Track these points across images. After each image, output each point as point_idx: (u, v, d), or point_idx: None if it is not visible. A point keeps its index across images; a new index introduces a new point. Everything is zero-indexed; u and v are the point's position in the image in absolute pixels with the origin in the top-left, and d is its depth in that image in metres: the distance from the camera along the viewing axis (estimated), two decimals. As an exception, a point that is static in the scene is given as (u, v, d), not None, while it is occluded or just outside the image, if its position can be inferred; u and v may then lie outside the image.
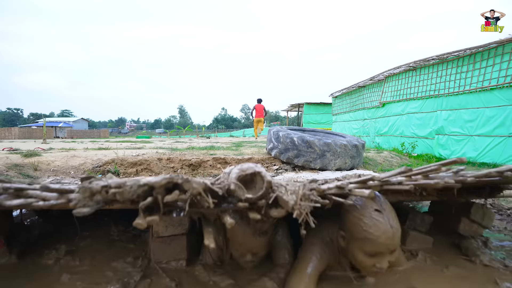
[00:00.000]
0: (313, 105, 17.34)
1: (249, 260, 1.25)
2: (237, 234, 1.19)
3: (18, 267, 1.31)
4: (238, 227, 1.14)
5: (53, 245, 1.49)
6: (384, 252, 1.05)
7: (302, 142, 3.68)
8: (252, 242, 1.19)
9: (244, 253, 1.23)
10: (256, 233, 1.17)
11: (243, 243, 1.20)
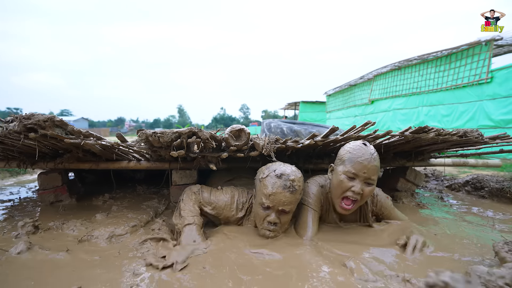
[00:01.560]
0: (309, 103, 17.90)
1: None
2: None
3: (77, 206, 1.88)
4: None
5: (98, 195, 2.05)
6: (359, 176, 1.33)
7: (290, 131, 4.25)
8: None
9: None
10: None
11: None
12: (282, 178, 1.30)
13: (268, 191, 1.30)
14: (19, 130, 1.27)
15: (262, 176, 1.36)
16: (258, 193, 1.37)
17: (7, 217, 1.62)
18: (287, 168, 1.36)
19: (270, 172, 1.34)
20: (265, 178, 1.33)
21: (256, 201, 1.39)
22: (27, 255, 1.13)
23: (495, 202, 2.03)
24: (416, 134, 1.68)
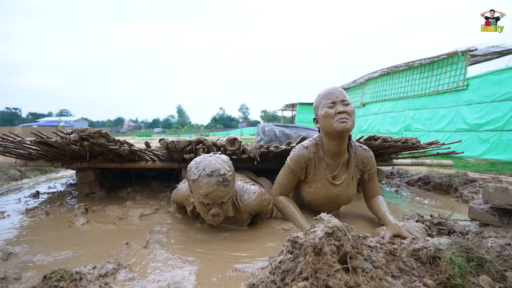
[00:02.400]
0: (306, 105, 18.41)
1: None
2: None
3: (107, 197, 2.40)
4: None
5: (121, 188, 2.58)
6: (336, 102, 1.57)
7: (282, 134, 4.77)
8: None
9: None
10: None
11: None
12: (213, 176, 1.33)
13: (203, 192, 1.33)
14: (76, 139, 1.79)
15: (194, 178, 1.36)
16: (194, 193, 1.40)
17: (60, 203, 2.15)
18: (216, 162, 1.39)
19: (200, 172, 1.35)
20: (197, 179, 1.35)
21: (194, 199, 1.43)
22: (88, 226, 1.65)
23: (436, 194, 2.56)
24: (368, 141, 2.19)
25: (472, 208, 1.48)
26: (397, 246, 1.00)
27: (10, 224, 1.69)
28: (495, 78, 5.43)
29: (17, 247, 1.35)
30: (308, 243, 0.85)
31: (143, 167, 2.42)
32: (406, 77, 8.22)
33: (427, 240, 1.02)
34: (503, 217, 1.35)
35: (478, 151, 5.65)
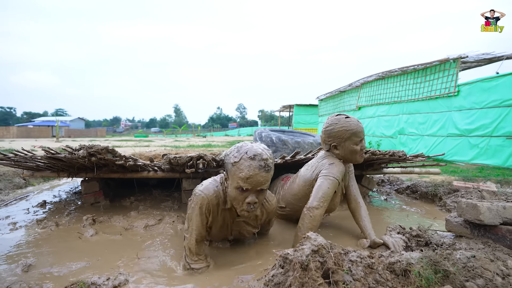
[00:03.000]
0: (303, 106, 18.61)
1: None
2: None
3: (111, 206, 2.52)
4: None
5: (124, 197, 2.71)
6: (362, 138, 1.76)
7: (279, 140, 4.92)
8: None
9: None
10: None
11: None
12: (256, 159, 1.30)
13: (244, 175, 1.29)
14: (85, 155, 1.92)
15: (235, 160, 1.33)
16: (233, 177, 1.33)
17: (67, 213, 2.27)
18: (258, 147, 1.37)
19: (242, 155, 1.32)
20: (239, 162, 1.31)
21: (231, 185, 1.36)
22: (96, 237, 1.78)
23: (422, 202, 2.72)
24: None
25: (448, 221, 1.63)
26: (375, 260, 1.15)
27: (24, 236, 1.82)
28: (485, 85, 5.61)
29: (34, 258, 1.48)
30: (296, 260, 0.99)
31: (145, 177, 2.55)
32: (400, 81, 8.39)
33: (402, 254, 1.17)
34: (473, 230, 1.50)
35: (468, 155, 5.83)
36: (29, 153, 2.08)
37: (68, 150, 1.98)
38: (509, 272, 1.16)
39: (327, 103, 13.92)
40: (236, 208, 1.42)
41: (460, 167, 5.25)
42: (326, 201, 1.71)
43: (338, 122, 1.78)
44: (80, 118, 58.69)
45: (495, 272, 1.14)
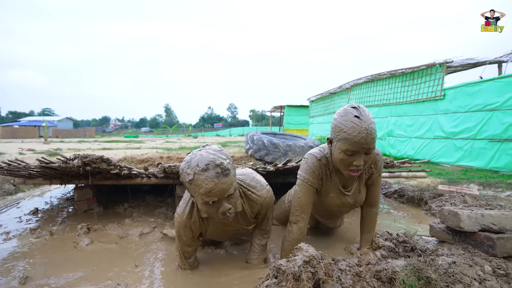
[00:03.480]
0: (294, 107, 18.76)
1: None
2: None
3: (104, 212, 2.53)
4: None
5: (118, 204, 2.72)
6: (359, 151, 1.32)
7: (270, 144, 4.99)
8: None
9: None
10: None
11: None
12: (210, 169, 1.18)
13: (204, 190, 1.19)
14: (80, 165, 1.94)
15: (189, 178, 1.21)
16: (196, 194, 1.24)
17: (61, 221, 2.27)
18: (208, 154, 1.24)
19: (194, 170, 1.20)
20: (194, 178, 1.19)
21: (198, 202, 1.27)
22: (92, 246, 1.80)
23: (409, 206, 2.83)
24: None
25: (432, 227, 1.72)
26: (363, 268, 1.22)
27: (18, 246, 1.82)
28: (469, 90, 5.81)
29: (30, 270, 1.50)
30: (289, 271, 1.05)
31: (138, 183, 2.57)
32: (389, 84, 8.58)
33: (388, 262, 1.24)
34: (455, 236, 1.59)
35: (454, 157, 6.03)
36: (22, 162, 2.08)
37: (62, 159, 1.99)
38: (485, 276, 1.25)
39: (318, 104, 14.08)
40: (213, 218, 1.37)
41: (446, 169, 5.42)
42: (303, 211, 1.56)
43: (342, 116, 1.38)
44: (68, 118, 57.48)
45: (473, 277, 1.23)
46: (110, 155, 6.16)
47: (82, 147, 9.03)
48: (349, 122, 1.33)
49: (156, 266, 1.55)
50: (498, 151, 5.10)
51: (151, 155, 5.79)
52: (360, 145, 1.32)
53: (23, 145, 9.98)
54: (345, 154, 1.37)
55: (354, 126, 1.31)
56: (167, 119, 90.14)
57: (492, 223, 1.46)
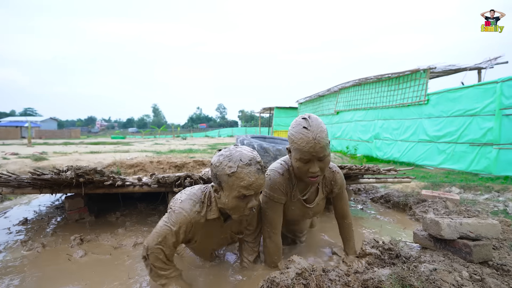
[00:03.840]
0: (283, 109, 18.91)
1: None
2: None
3: (96, 222, 2.53)
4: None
5: (109, 212, 2.71)
6: (312, 159, 1.41)
7: (260, 148, 5.05)
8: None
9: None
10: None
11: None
12: (252, 164, 1.30)
13: (246, 182, 1.28)
14: (73, 176, 1.94)
15: (232, 170, 1.29)
16: (233, 187, 1.31)
17: (52, 232, 2.26)
18: (247, 152, 1.35)
19: (237, 163, 1.30)
20: (236, 171, 1.29)
21: (230, 195, 1.33)
22: (86, 258, 1.81)
23: (395, 211, 2.95)
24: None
25: (416, 234, 1.82)
26: (351, 277, 1.30)
27: (10, 260, 1.81)
28: (451, 95, 6.05)
29: (24, 284, 1.50)
30: (282, 283, 1.11)
31: (131, 191, 2.58)
32: (376, 88, 8.80)
33: (374, 271, 1.32)
34: (436, 243, 1.69)
35: (437, 160, 6.26)
36: (13, 174, 2.06)
37: (54, 171, 1.99)
38: (463, 282, 1.35)
39: (307, 106, 14.26)
40: (234, 215, 1.40)
41: (430, 172, 5.63)
42: (274, 227, 1.62)
43: (294, 127, 1.48)
44: (52, 118, 55.85)
45: (452, 283, 1.32)
46: (98, 159, 6.09)
47: (68, 150, 8.84)
48: (298, 133, 1.43)
49: (147, 278, 1.58)
50: (478, 155, 5.34)
51: (140, 159, 5.76)
52: (310, 154, 1.41)
53: (6, 148, 9.68)
54: (301, 162, 1.46)
55: (302, 137, 1.41)
56: (155, 119, 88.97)
57: (470, 231, 1.57)
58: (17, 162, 5.35)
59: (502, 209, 2.79)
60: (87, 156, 6.55)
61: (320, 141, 1.41)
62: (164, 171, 5.34)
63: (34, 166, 5.16)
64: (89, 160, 5.73)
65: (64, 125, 75.50)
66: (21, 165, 5.06)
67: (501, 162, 4.92)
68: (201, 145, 12.00)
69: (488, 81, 5.42)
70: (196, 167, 5.37)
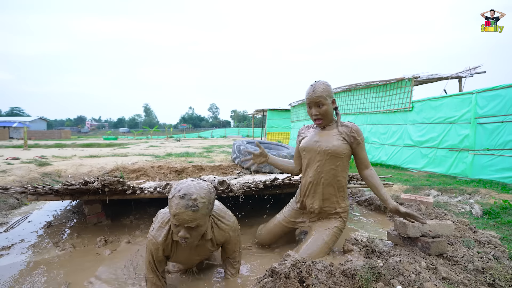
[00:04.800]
0: (276, 111, 19.30)
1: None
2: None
3: (113, 225, 2.85)
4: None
5: (123, 216, 3.03)
6: (312, 104, 1.97)
7: (256, 154, 5.42)
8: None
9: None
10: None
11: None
12: (185, 198, 1.39)
13: (172, 211, 1.40)
14: (99, 186, 2.26)
15: (170, 196, 1.44)
16: (170, 211, 1.44)
17: (77, 235, 2.57)
18: (192, 187, 1.44)
19: (175, 193, 1.42)
20: (171, 199, 1.42)
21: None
22: (111, 255, 2.14)
23: (376, 213, 3.34)
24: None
25: (389, 233, 2.21)
26: (334, 267, 1.66)
27: (48, 258, 2.12)
28: (433, 103, 6.52)
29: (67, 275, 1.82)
30: (281, 271, 1.47)
31: (142, 197, 2.90)
32: (365, 94, 9.26)
33: (352, 263, 1.70)
34: (404, 240, 2.08)
35: (420, 164, 6.73)
36: (47, 185, 2.36)
37: (82, 181, 2.30)
38: (420, 270, 1.73)
39: (299, 109, 14.69)
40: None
41: (413, 175, 6.08)
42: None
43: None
44: (41, 118, 54.96)
45: (411, 271, 1.71)
46: (101, 164, 6.35)
47: (66, 153, 9.03)
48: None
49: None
50: (456, 159, 5.82)
51: (142, 164, 6.05)
52: (309, 100, 1.96)
53: (3, 151, 9.80)
54: (308, 107, 2.03)
55: (307, 89, 1.97)
56: (146, 119, 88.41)
57: (429, 230, 1.96)
58: (22, 167, 5.58)
59: (468, 210, 3.22)
60: (88, 161, 6.80)
61: (316, 91, 1.92)
62: (165, 175, 5.64)
63: (39, 171, 5.41)
64: (91, 165, 5.99)
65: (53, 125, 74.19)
66: (26, 171, 5.30)
67: (476, 166, 5.39)
68: (196, 148, 12.28)
69: (465, 92, 5.91)
70: (195, 172, 5.70)
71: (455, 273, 1.75)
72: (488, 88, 5.28)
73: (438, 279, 1.68)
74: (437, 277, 1.70)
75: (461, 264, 1.86)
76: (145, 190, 2.53)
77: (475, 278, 1.71)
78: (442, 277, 1.71)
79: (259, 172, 5.50)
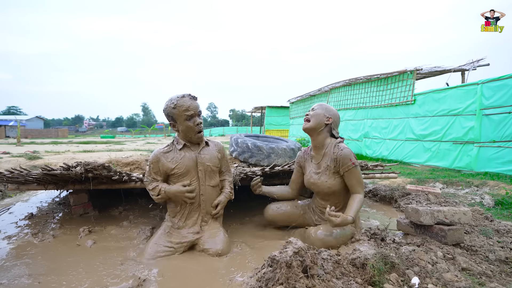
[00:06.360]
0: (274, 108, 19.11)
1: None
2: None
3: (101, 216, 2.65)
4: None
5: (112, 207, 2.83)
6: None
7: (254, 146, 5.21)
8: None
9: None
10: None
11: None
12: (185, 96, 1.89)
13: (184, 107, 1.85)
14: (82, 171, 2.06)
15: (174, 105, 1.86)
16: (180, 118, 1.87)
17: (60, 226, 2.37)
18: (180, 93, 1.92)
19: (175, 99, 1.88)
20: (177, 103, 1.86)
21: (181, 122, 1.89)
22: (95, 246, 1.94)
23: (381, 204, 3.16)
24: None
25: (399, 222, 2.02)
26: (341, 257, 1.47)
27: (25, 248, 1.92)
28: (436, 96, 6.35)
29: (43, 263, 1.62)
30: (282, 260, 1.28)
31: (132, 187, 2.70)
32: (365, 89, 9.08)
33: (361, 252, 1.51)
34: (416, 229, 1.89)
35: (423, 158, 6.55)
36: (25, 170, 2.16)
37: (63, 166, 2.10)
38: (437, 260, 1.55)
39: (298, 106, 14.50)
40: (191, 136, 1.93)
41: (416, 169, 5.90)
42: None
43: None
44: (38, 117, 54.53)
45: (427, 261, 1.52)
46: (93, 158, 6.15)
47: (60, 149, 8.81)
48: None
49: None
50: (460, 153, 5.64)
51: (135, 158, 5.82)
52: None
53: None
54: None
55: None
56: (144, 118, 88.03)
57: (445, 217, 1.77)
58: (11, 161, 5.37)
59: (478, 201, 3.04)
60: (81, 155, 6.58)
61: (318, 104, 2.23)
62: (160, 169, 5.42)
63: (28, 164, 5.20)
64: (83, 159, 5.77)
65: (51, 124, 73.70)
66: (15, 164, 5.08)
67: (481, 159, 5.22)
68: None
69: (469, 83, 5.73)
70: (191, 165, 5.48)
71: (476, 264, 1.56)
72: (494, 78, 5.10)
73: (457, 270, 1.50)
74: (456, 268, 1.52)
75: (481, 254, 1.68)
76: (134, 176, 2.33)
77: (499, 269, 1.53)
78: (462, 267, 1.52)
79: (257, 165, 5.30)
